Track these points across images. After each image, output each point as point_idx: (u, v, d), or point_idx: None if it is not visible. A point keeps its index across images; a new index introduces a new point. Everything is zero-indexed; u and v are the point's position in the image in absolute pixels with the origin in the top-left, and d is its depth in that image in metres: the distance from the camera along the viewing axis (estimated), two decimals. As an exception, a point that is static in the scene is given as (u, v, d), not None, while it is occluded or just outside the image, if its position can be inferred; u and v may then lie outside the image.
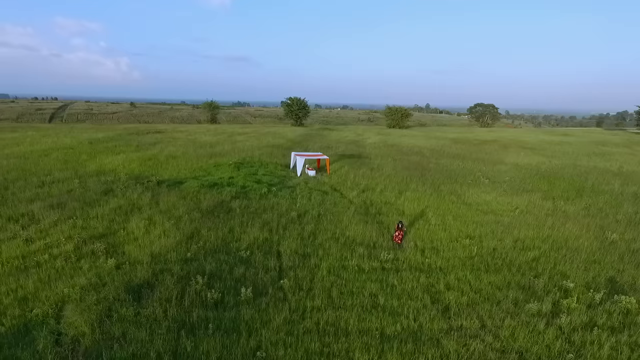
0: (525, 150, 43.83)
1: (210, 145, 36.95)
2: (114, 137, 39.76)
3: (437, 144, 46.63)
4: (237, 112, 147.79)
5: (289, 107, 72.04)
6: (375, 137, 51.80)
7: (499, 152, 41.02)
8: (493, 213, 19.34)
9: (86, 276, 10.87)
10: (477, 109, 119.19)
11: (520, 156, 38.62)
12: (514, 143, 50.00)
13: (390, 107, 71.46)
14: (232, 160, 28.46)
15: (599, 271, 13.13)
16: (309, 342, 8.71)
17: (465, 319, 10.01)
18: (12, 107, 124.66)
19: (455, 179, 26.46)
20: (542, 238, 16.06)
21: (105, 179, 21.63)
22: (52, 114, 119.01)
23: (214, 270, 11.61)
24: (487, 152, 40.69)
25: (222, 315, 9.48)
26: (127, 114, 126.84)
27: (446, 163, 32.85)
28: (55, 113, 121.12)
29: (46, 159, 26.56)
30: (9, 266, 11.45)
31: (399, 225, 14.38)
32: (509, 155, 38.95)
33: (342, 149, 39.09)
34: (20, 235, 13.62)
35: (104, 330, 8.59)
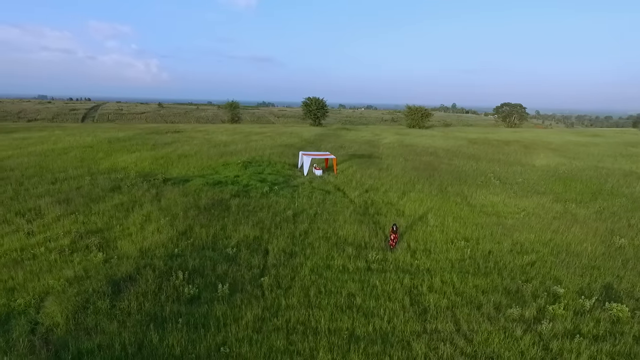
0: (548, 151, 42.33)
1: (224, 145, 37.54)
2: (133, 136, 41.03)
3: (455, 144, 45.66)
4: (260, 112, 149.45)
5: (308, 107, 72.22)
6: (392, 137, 51.25)
7: (518, 153, 39.76)
8: (497, 215, 18.79)
9: (74, 269, 11.30)
10: (504, 108, 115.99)
11: (539, 157, 37.33)
12: (537, 144, 48.36)
13: (410, 107, 70.41)
14: (241, 159, 28.83)
15: (596, 277, 12.55)
16: (275, 340, 8.75)
17: (441, 322, 9.79)
18: (48, 108, 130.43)
19: (465, 180, 25.86)
20: (542, 242, 15.50)
21: (116, 177, 22.37)
22: (85, 114, 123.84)
23: (197, 267, 11.83)
24: (505, 153, 39.52)
25: (195, 311, 9.66)
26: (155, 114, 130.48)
27: (459, 164, 32.13)
28: (88, 113, 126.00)
29: (65, 157, 27.72)
30: (6, 258, 12.04)
31: (394, 229, 14.12)
32: (528, 156, 37.71)
33: (354, 148, 38.89)
34: (24, 228, 14.30)
35: (78, 322, 8.92)
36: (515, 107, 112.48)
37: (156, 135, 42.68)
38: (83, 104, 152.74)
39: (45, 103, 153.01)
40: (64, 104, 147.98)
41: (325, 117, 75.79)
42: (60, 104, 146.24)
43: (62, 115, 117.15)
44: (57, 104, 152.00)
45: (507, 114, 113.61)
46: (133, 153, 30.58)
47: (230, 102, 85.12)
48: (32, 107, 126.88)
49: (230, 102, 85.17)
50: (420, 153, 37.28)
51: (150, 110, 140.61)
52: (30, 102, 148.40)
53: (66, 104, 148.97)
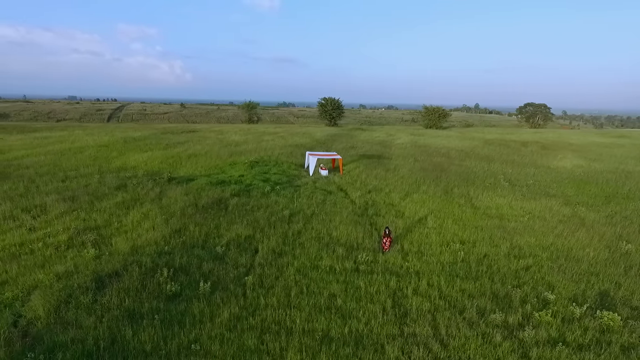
0: (567, 152, 41.01)
1: (236, 144, 37.99)
2: (148, 136, 42.02)
3: (470, 145, 44.77)
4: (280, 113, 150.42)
5: (323, 107, 72.20)
6: (406, 138, 50.70)
7: (535, 155, 38.67)
8: (500, 218, 18.32)
9: (65, 265, 11.65)
10: (527, 108, 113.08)
11: (557, 159, 36.20)
12: (557, 145, 46.90)
13: (427, 107, 69.35)
14: (248, 159, 29.11)
15: (593, 284, 12.07)
16: (247, 339, 8.78)
17: (420, 325, 9.61)
18: (76, 108, 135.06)
19: (473, 182, 25.33)
20: (542, 246, 15.02)
21: (124, 175, 22.96)
22: (110, 114, 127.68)
23: (184, 264, 12.01)
24: (521, 154, 38.50)
25: (173, 307, 9.80)
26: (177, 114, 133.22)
27: (471, 165, 31.51)
28: (113, 113, 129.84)
29: (79, 156, 28.66)
30: (5, 252, 12.52)
31: (386, 232, 13.90)
32: (544, 158, 36.63)
33: (365, 149, 38.68)
34: (27, 224, 14.85)
35: (59, 315, 9.20)
36: (539, 107, 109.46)
37: (171, 135, 43.59)
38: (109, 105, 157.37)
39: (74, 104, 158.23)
40: (91, 105, 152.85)
41: (341, 117, 75.58)
42: (88, 105, 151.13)
43: (88, 115, 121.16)
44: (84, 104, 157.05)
45: (531, 114, 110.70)
46: (145, 152, 31.33)
47: (248, 103, 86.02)
48: (61, 108, 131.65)
49: (247, 103, 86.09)
50: (432, 154, 36.74)
51: (173, 110, 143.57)
52: (60, 103, 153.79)
53: (93, 105, 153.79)
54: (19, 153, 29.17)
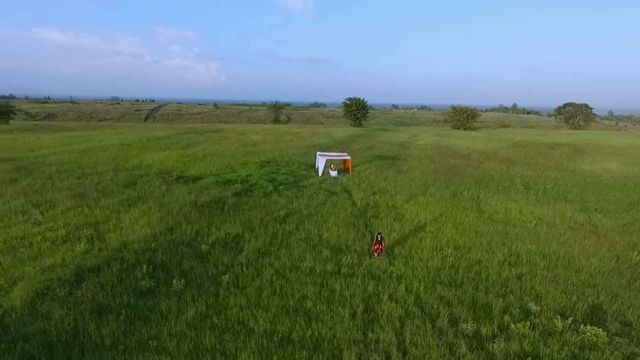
0: (602, 155, 38.74)
1: (254, 144, 38.51)
2: (172, 135, 43.36)
3: (495, 146, 43.18)
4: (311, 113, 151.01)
5: (348, 107, 71.80)
6: (429, 139, 49.57)
7: (563, 157, 36.74)
8: (505, 223, 17.53)
9: (55, 258, 12.21)
10: (567, 109, 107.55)
11: (586, 162, 34.23)
12: (591, 147, 44.38)
13: (455, 108, 67.32)
14: (260, 159, 29.43)
15: (587, 296, 11.30)
16: (206, 338, 8.84)
17: (385, 332, 9.33)
18: (117, 109, 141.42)
19: (486, 185, 24.39)
20: (543, 253, 14.23)
21: (136, 173, 23.81)
22: (148, 114, 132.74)
23: (165, 261, 12.27)
24: (547, 157, 36.69)
25: (142, 303, 10.03)
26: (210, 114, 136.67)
27: (489, 167, 30.35)
28: (150, 113, 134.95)
29: (101, 154, 29.99)
30: (6, 244, 13.28)
31: (378, 238, 13.48)
32: (572, 161, 34.73)
33: (383, 150, 38.14)
34: (33, 218, 15.69)
35: (34, 307, 9.64)
36: (580, 107, 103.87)
37: (194, 135, 44.77)
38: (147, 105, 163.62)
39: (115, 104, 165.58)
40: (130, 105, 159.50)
41: (366, 117, 74.88)
42: (127, 105, 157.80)
43: (127, 115, 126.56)
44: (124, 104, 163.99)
45: (571, 114, 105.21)
46: (164, 151, 32.35)
47: (274, 103, 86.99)
48: (103, 108, 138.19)
49: (274, 103, 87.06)
50: (451, 155, 35.71)
51: (207, 110, 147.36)
52: (103, 104, 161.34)
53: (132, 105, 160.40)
54: (48, 151, 30.91)
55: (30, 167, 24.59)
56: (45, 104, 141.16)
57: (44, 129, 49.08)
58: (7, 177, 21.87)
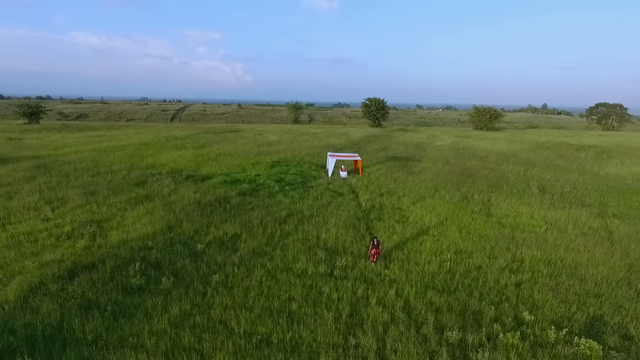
0: (630, 157, 36.95)
1: (268, 144, 38.75)
2: (191, 135, 44.19)
3: (516, 148, 41.87)
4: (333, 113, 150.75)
5: (367, 107, 71.23)
6: (448, 140, 48.58)
7: (587, 160, 35.22)
8: (513, 227, 16.93)
9: (55, 254, 12.61)
10: (599, 109, 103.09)
11: (612, 165, 32.70)
12: (620, 149, 42.38)
13: (478, 108, 65.60)
14: (272, 159, 29.58)
15: (588, 306, 10.74)
16: (185, 336, 8.90)
17: (367, 338, 9.13)
18: (144, 109, 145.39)
19: (500, 187, 23.65)
20: (548, 260, 13.64)
21: (149, 172, 24.34)
22: (174, 114, 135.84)
23: (159, 259, 12.45)
24: (570, 159, 35.27)
25: (129, 300, 10.21)
26: (234, 115, 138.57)
27: (506, 169, 29.43)
28: (176, 114, 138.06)
29: (119, 153, 30.87)
30: (13, 239, 13.83)
31: (374, 242, 13.12)
32: (597, 163, 33.25)
33: (398, 150, 37.63)
34: (43, 214, 16.28)
35: (26, 301, 9.97)
36: (613, 107, 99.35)
37: (212, 135, 45.48)
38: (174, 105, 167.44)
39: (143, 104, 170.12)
40: (157, 105, 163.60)
41: (386, 117, 74.12)
42: (155, 105, 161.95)
43: (154, 115, 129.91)
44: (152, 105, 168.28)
45: (603, 115, 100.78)
46: (179, 151, 32.99)
47: (294, 103, 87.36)
48: (132, 109, 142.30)
49: (293, 103, 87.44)
50: (467, 157, 34.84)
51: (231, 110, 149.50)
52: (131, 104, 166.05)
53: (159, 105, 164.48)
54: (69, 149, 32.08)
55: (50, 165, 25.55)
56: (78, 105, 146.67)
57: (70, 128, 51.06)
58: (27, 174, 22.80)
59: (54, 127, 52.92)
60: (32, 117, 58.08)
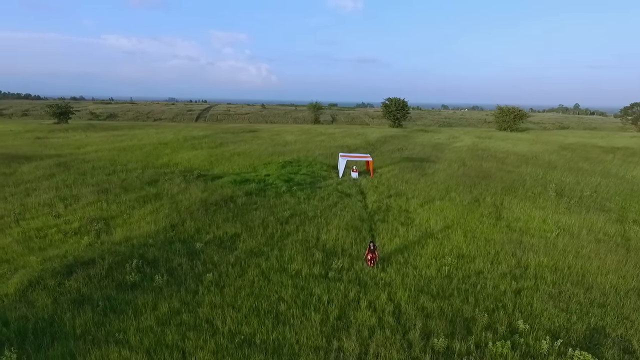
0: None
1: (284, 144, 38.95)
2: (209, 135, 44.93)
3: (539, 149, 40.50)
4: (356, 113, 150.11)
5: (387, 107, 70.50)
6: (468, 141, 47.49)
7: (614, 162, 33.66)
8: (522, 232, 16.36)
9: (60, 249, 13.05)
10: (635, 109, 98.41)
11: (639, 168, 31.12)
12: (652, 151, 40.28)
13: (501, 108, 63.67)
14: (284, 159, 29.69)
15: (590, 317, 10.23)
16: (170, 334, 9.00)
17: (351, 342, 8.99)
18: (171, 109, 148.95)
19: (515, 190, 22.91)
20: (554, 267, 13.11)
21: (162, 171, 24.89)
22: (199, 114, 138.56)
23: (156, 257, 12.68)
24: (596, 161, 33.79)
25: (122, 297, 10.43)
26: (257, 115, 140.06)
27: (524, 171, 28.49)
28: (201, 114, 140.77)
29: (137, 152, 31.72)
30: (24, 235, 14.40)
31: (371, 247, 12.90)
32: (625, 166, 31.75)
33: (414, 151, 37.07)
34: (55, 211, 16.90)
35: (24, 294, 10.34)
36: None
37: (229, 135, 46.11)
38: (199, 105, 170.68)
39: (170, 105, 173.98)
40: (183, 106, 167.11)
41: (406, 118, 73.15)
42: (181, 106, 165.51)
43: (180, 115, 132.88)
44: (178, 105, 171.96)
45: (639, 115, 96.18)
46: (195, 150, 33.60)
47: (314, 103, 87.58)
48: (159, 109, 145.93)
49: (314, 104, 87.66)
50: (485, 158, 33.95)
51: (254, 111, 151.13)
52: (159, 104, 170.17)
53: (185, 106, 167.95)
54: (90, 148, 33.22)
55: (70, 163, 26.52)
56: (108, 105, 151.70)
57: (94, 128, 52.90)
58: (46, 172, 23.74)
59: (80, 126, 55.00)
60: (61, 117, 60.59)
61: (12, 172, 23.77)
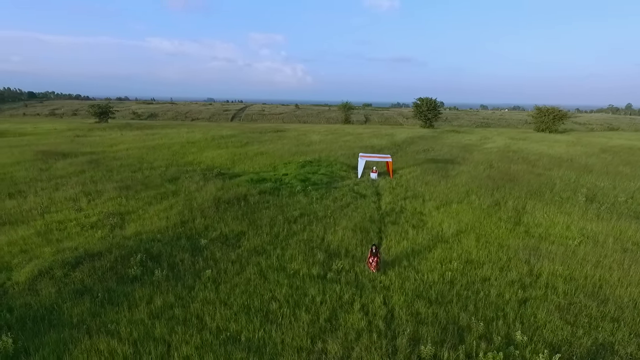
0: None
1: (308, 144, 39.06)
2: (237, 134, 45.82)
3: (576, 152, 38.33)
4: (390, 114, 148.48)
5: (418, 107, 69.07)
6: (501, 142, 45.68)
7: (659, 166, 31.26)
8: (542, 238, 15.52)
9: (74, 242, 13.71)
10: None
11: (688, 172, 28.72)
12: None
13: (540, 108, 60.69)
14: (304, 159, 29.78)
15: (600, 331, 9.52)
16: (159, 328, 9.21)
17: (336, 344, 8.85)
18: (208, 109, 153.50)
19: (541, 194, 21.78)
20: (570, 276, 12.33)
21: (185, 169, 25.65)
22: (234, 114, 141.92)
23: (161, 252, 13.04)
24: (638, 166, 31.51)
25: (121, 289, 10.80)
26: (291, 115, 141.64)
27: (555, 175, 27.04)
28: (236, 114, 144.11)
29: (165, 151, 32.86)
30: (46, 227, 15.25)
31: (372, 250, 12.53)
32: (670, 171, 29.38)
33: (440, 152, 36.10)
34: (78, 205, 17.79)
35: (33, 283, 10.94)
36: None
37: (257, 134, 46.83)
38: (235, 105, 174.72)
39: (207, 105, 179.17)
40: (220, 106, 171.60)
41: (438, 118, 71.39)
42: (218, 106, 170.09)
43: (216, 115, 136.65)
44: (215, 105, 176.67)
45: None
46: (220, 149, 34.36)
47: (345, 104, 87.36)
48: (197, 109, 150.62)
49: (344, 104, 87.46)
50: (515, 160, 32.52)
51: (288, 111, 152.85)
52: (197, 104, 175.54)
53: (222, 106, 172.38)
54: (122, 146, 34.76)
55: (100, 160, 27.87)
56: (149, 105, 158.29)
57: (131, 127, 55.35)
58: (77, 168, 25.07)
59: (117, 125, 57.74)
60: (102, 116, 63.95)
61: (48, 167, 25.29)
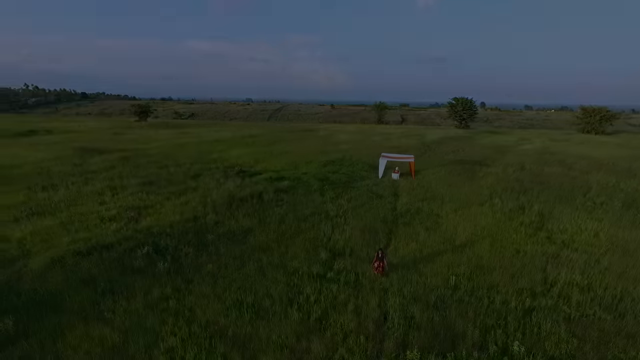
0: None
1: (335, 144, 38.94)
2: (265, 133, 46.48)
3: (621, 154, 35.79)
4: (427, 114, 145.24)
5: (453, 107, 66.98)
6: (539, 143, 43.48)
7: None
8: (565, 245, 14.58)
9: (91, 233, 14.38)
10: None
11: None
12: None
13: (586, 109, 56.98)
14: (327, 158, 29.70)
15: (611, 346, 8.80)
16: (151, 318, 9.49)
17: (322, 344, 8.72)
18: (246, 109, 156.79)
19: (572, 199, 20.48)
20: (588, 287, 11.51)
21: (208, 167, 26.28)
22: (271, 114, 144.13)
23: (167, 246, 13.40)
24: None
25: (123, 279, 11.19)
26: (326, 115, 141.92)
27: (592, 178, 25.33)
28: (273, 114, 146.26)
29: (192, 149, 33.87)
30: (69, 219, 16.10)
31: (379, 254, 12.18)
32: None
33: (471, 154, 34.85)
34: (101, 199, 18.65)
35: (45, 270, 11.55)
36: None
37: (285, 133, 47.27)
38: (272, 105, 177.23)
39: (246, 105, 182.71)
40: (258, 106, 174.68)
41: (474, 118, 68.91)
42: (256, 106, 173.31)
43: (254, 114, 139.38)
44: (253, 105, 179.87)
45: None
46: (247, 148, 34.96)
47: (378, 104, 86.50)
48: (235, 109, 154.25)
49: (377, 104, 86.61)
50: (550, 163, 30.80)
51: (324, 111, 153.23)
52: (235, 104, 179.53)
53: (260, 106, 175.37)
54: (154, 144, 36.15)
55: (131, 157, 29.13)
56: (190, 105, 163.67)
57: (167, 125, 57.52)
58: (109, 164, 26.33)
59: (155, 124, 60.20)
60: (141, 115, 66.89)
61: (82, 163, 26.74)
